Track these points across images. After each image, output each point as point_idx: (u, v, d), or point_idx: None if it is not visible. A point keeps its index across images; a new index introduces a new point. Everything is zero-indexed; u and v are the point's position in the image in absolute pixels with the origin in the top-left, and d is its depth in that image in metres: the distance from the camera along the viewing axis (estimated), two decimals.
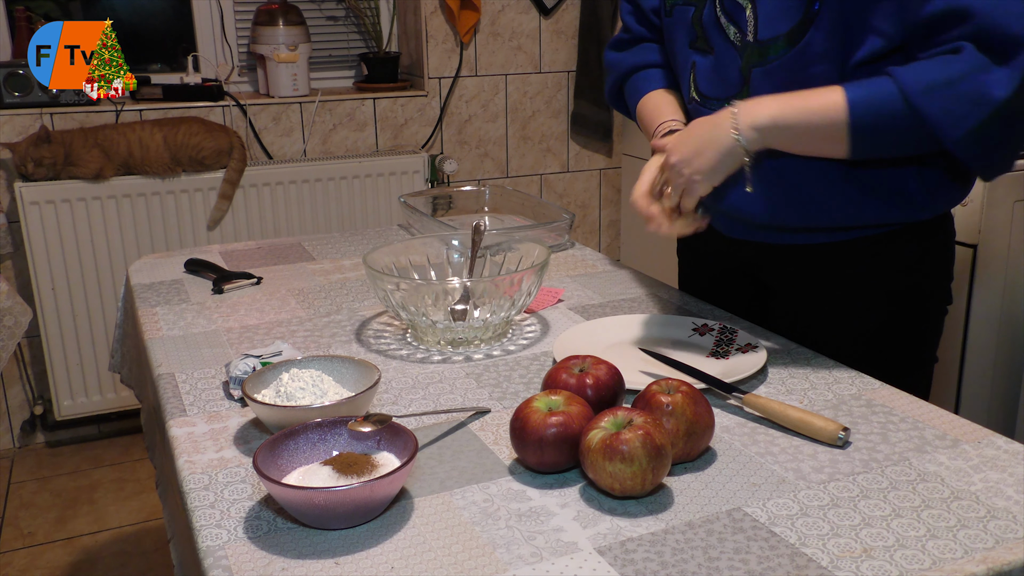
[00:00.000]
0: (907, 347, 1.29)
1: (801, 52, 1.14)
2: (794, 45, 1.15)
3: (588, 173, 3.40)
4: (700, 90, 1.28)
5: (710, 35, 1.24)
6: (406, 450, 0.88)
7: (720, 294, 1.44)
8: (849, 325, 1.27)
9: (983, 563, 0.76)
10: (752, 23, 1.18)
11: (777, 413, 1.01)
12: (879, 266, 1.25)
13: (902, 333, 1.27)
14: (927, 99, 1.05)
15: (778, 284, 1.34)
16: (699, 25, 1.26)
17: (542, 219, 1.80)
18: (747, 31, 1.19)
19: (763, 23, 1.17)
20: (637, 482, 0.85)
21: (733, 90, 1.23)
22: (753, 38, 1.18)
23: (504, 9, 3.12)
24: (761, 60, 1.18)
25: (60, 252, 2.66)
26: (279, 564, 0.78)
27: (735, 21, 1.20)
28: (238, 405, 1.09)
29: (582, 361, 1.02)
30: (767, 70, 1.18)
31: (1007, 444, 0.96)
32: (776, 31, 1.16)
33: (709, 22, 1.24)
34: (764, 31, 1.17)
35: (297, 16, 2.94)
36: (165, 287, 1.54)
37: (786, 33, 1.15)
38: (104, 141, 2.62)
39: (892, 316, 1.26)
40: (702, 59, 1.27)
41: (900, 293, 1.26)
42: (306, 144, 2.98)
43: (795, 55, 1.15)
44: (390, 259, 1.35)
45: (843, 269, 1.26)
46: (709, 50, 1.25)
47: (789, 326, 1.31)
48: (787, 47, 1.15)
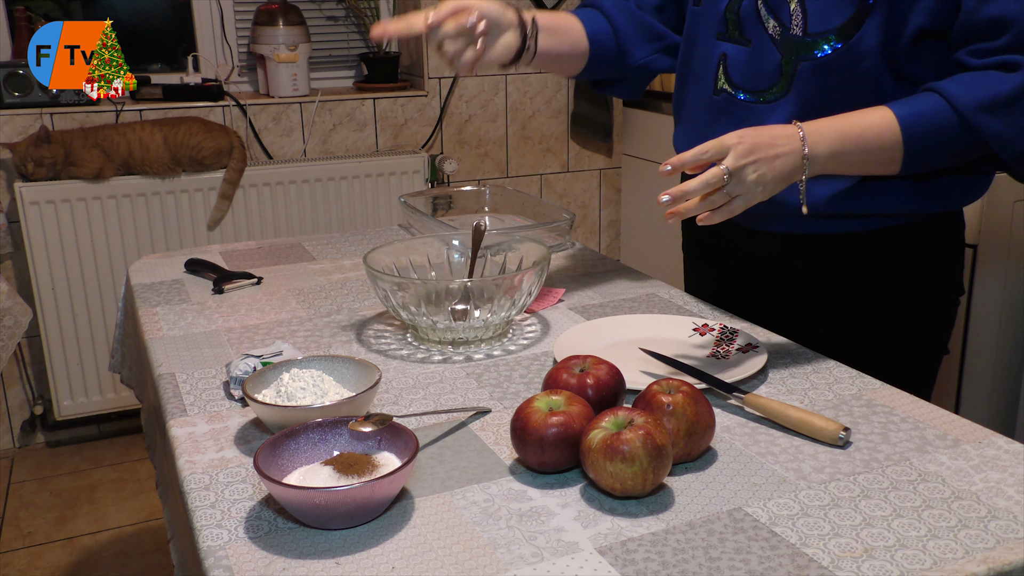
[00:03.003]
0: (925, 336, 1.30)
1: (853, 47, 1.15)
2: (847, 39, 1.15)
3: (588, 173, 3.40)
4: (734, 81, 1.27)
5: (747, 27, 1.23)
6: (407, 450, 0.88)
7: (731, 288, 1.44)
8: (865, 317, 1.28)
9: (984, 563, 0.76)
10: (800, 16, 1.18)
11: (778, 413, 1.01)
12: (901, 256, 1.26)
13: (920, 322, 1.29)
14: (986, 117, 1.08)
15: (794, 275, 1.33)
16: (734, 16, 1.25)
17: (542, 219, 1.80)
18: (791, 25, 1.18)
19: (814, 16, 1.16)
20: (638, 482, 0.85)
21: (768, 83, 1.22)
22: (803, 32, 1.18)
23: None
24: (810, 54, 1.17)
25: (60, 252, 2.66)
26: (280, 564, 0.78)
27: (776, 15, 1.20)
28: (239, 405, 1.09)
29: (583, 361, 1.02)
30: (817, 65, 1.17)
31: (1008, 444, 0.96)
32: (828, 25, 1.16)
33: (748, 14, 1.23)
34: (815, 24, 1.17)
35: (297, 16, 2.94)
36: (165, 287, 1.54)
37: (839, 27, 1.15)
38: (104, 141, 2.62)
39: (911, 306, 1.27)
40: (735, 50, 1.26)
41: (921, 283, 1.27)
42: (306, 144, 2.98)
43: (847, 50, 1.15)
44: (390, 259, 1.35)
45: (865, 259, 1.26)
46: (745, 42, 1.24)
47: (805, 318, 1.32)
48: (839, 41, 1.16)
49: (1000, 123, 1.08)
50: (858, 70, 1.16)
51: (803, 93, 1.20)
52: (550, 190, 3.37)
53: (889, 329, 1.28)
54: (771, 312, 1.38)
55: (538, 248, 1.34)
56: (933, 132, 1.11)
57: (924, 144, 1.12)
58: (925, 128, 1.11)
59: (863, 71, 1.16)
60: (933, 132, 1.11)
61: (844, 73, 1.17)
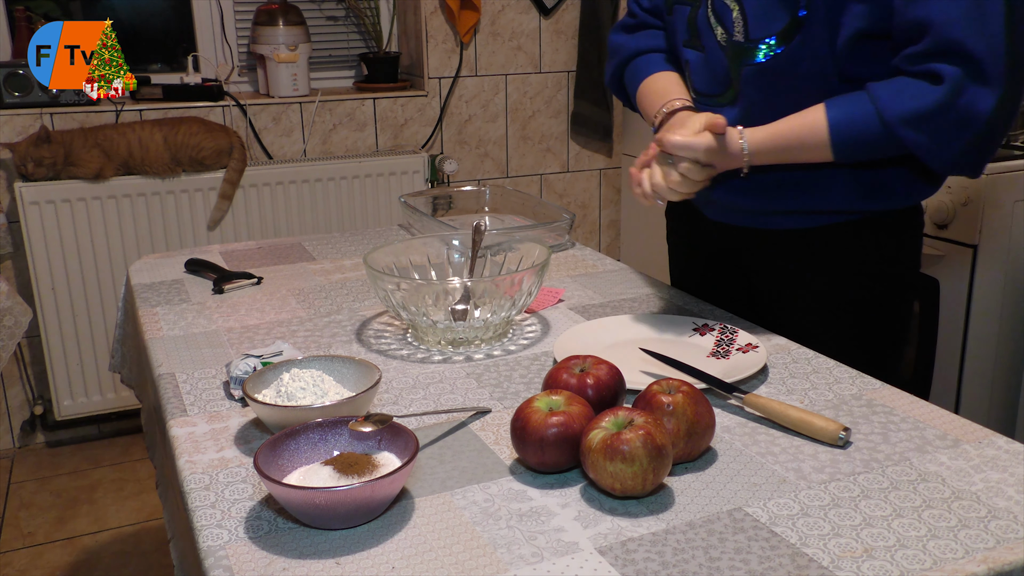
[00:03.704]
0: (881, 330, 1.34)
1: (793, 51, 1.20)
2: (787, 43, 1.20)
3: (588, 173, 3.40)
4: (695, 87, 1.34)
5: (702, 34, 1.29)
6: (407, 450, 0.88)
7: (708, 278, 1.49)
8: (827, 307, 1.33)
9: (984, 563, 0.76)
10: (741, 23, 1.22)
11: (778, 413, 1.01)
12: (856, 251, 1.30)
13: (877, 316, 1.33)
14: (909, 130, 1.14)
15: (760, 268, 1.39)
16: (693, 24, 1.31)
17: (542, 219, 1.80)
18: (733, 31, 1.23)
19: (753, 23, 1.21)
20: (638, 482, 0.85)
21: (720, 88, 1.29)
22: (744, 38, 1.22)
23: (504, 9, 3.12)
24: (752, 59, 1.22)
25: (60, 252, 2.66)
26: (280, 564, 0.78)
27: (722, 22, 1.25)
28: (239, 405, 1.09)
29: (583, 361, 1.02)
30: (760, 69, 1.22)
31: (1008, 444, 0.96)
32: (767, 31, 1.20)
33: (702, 22, 1.29)
34: (755, 30, 1.21)
35: (297, 16, 2.94)
36: (165, 287, 1.54)
37: (778, 33, 1.20)
38: (104, 141, 2.62)
39: (867, 299, 1.32)
40: (695, 57, 1.32)
41: (875, 276, 1.31)
42: (306, 144, 2.98)
43: (787, 54, 1.20)
44: (390, 259, 1.35)
45: (822, 253, 1.31)
46: (702, 48, 1.30)
47: (770, 309, 1.37)
48: (780, 46, 1.20)
49: (923, 136, 1.13)
50: (800, 73, 1.21)
51: (749, 97, 1.25)
52: (550, 190, 3.37)
53: (849, 320, 1.33)
54: (743, 300, 1.44)
55: (538, 248, 1.34)
56: (860, 138, 1.17)
57: (851, 146, 1.18)
58: (853, 134, 1.17)
59: (805, 74, 1.21)
60: (860, 138, 1.17)
61: (786, 76, 1.22)
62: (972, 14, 1.08)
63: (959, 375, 2.24)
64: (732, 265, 1.44)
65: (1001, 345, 2.24)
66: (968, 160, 1.16)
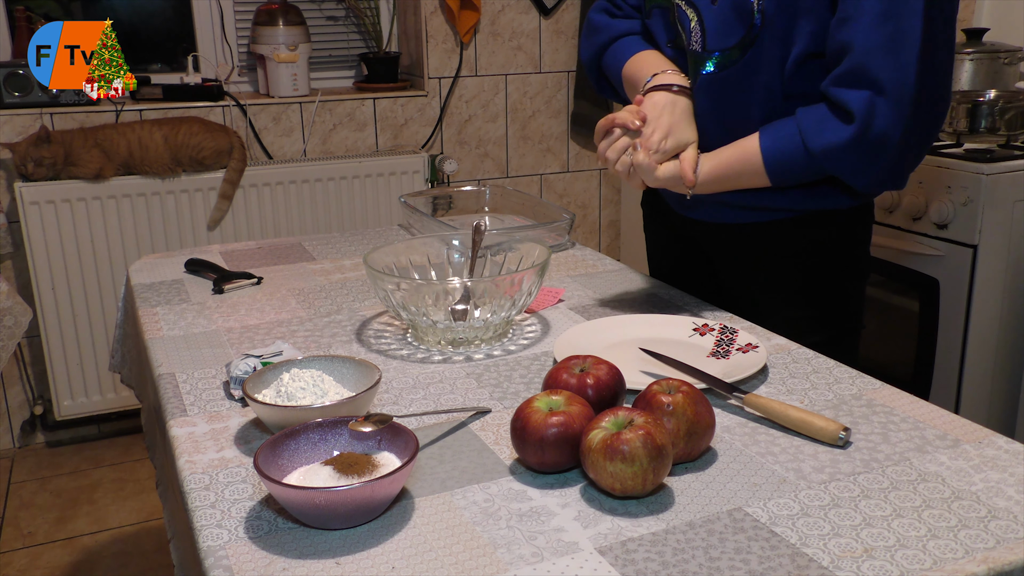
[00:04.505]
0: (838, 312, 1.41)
1: (747, 64, 1.26)
2: (741, 56, 1.26)
3: (588, 173, 3.40)
4: None
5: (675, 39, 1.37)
6: (407, 450, 0.88)
7: (679, 266, 1.57)
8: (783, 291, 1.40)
9: (984, 563, 0.76)
10: (699, 34, 1.29)
11: (778, 413, 1.01)
12: (807, 240, 1.36)
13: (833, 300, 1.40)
14: (830, 161, 1.22)
15: (722, 257, 1.46)
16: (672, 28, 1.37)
17: (542, 219, 1.80)
18: (691, 40, 1.30)
19: (711, 34, 1.28)
20: (638, 482, 0.85)
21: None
22: (701, 47, 1.29)
23: (504, 9, 3.12)
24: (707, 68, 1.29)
25: (60, 252, 2.66)
26: (280, 564, 0.78)
27: (684, 30, 1.32)
28: (239, 405, 1.09)
29: (583, 361, 1.02)
30: (714, 78, 1.28)
31: (1008, 444, 0.96)
32: (723, 43, 1.27)
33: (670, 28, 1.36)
34: (712, 42, 1.28)
35: (297, 16, 2.94)
36: (165, 287, 1.54)
37: (733, 46, 1.26)
38: (104, 141, 2.62)
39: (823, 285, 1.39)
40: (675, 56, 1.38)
41: (821, 265, 1.38)
42: (306, 144, 2.98)
43: (742, 67, 1.26)
44: (390, 259, 1.35)
45: (776, 243, 1.38)
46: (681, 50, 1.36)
47: (732, 294, 1.47)
48: (734, 58, 1.26)
49: (842, 166, 1.22)
50: (750, 86, 1.27)
51: (701, 104, 1.31)
52: (550, 190, 3.37)
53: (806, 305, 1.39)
54: (710, 287, 1.51)
55: (538, 248, 1.34)
56: (790, 166, 1.25)
57: (785, 174, 1.27)
58: (783, 162, 1.25)
59: (755, 86, 1.27)
60: (790, 166, 1.25)
61: (737, 88, 1.28)
62: (888, 44, 1.15)
63: (959, 375, 2.24)
64: (698, 253, 1.51)
65: (1001, 345, 2.24)
66: (888, 178, 1.25)
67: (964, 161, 2.16)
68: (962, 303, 2.19)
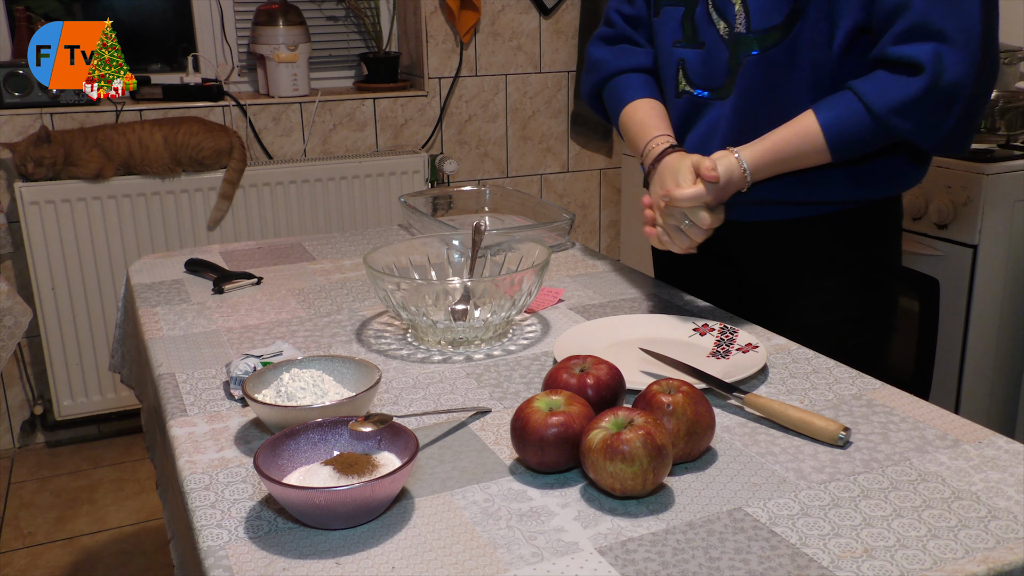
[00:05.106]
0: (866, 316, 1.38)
1: (792, 43, 1.25)
2: (786, 35, 1.25)
3: (588, 173, 3.40)
4: (694, 82, 1.37)
5: (701, 31, 1.34)
6: (407, 450, 0.88)
7: (694, 271, 1.52)
8: (813, 295, 1.37)
9: (984, 563, 0.76)
10: (743, 15, 1.27)
11: (778, 413, 1.01)
12: (841, 241, 1.35)
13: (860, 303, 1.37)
14: (898, 119, 1.19)
15: (750, 258, 1.43)
16: (690, 23, 1.35)
17: (542, 219, 1.80)
18: (735, 23, 1.28)
19: (755, 14, 1.26)
20: (638, 482, 0.85)
21: (719, 82, 1.33)
22: (746, 29, 1.27)
23: (504, 9, 3.12)
24: (752, 50, 1.27)
25: (60, 252, 2.66)
26: (280, 564, 0.78)
27: (724, 16, 1.30)
28: (239, 405, 1.09)
29: (583, 361, 1.02)
30: (759, 59, 1.27)
31: (1008, 444, 0.96)
32: (768, 22, 1.25)
33: (701, 19, 1.33)
34: (757, 22, 1.26)
35: (297, 16, 2.94)
36: (165, 287, 1.54)
37: (778, 25, 1.25)
38: (104, 141, 2.62)
39: (850, 286, 1.37)
40: (692, 54, 1.36)
41: (857, 264, 1.36)
42: (306, 144, 2.98)
43: (786, 45, 1.25)
44: (390, 259, 1.35)
45: (810, 243, 1.36)
46: (700, 45, 1.35)
47: (758, 299, 1.42)
48: (780, 37, 1.25)
49: (911, 123, 1.19)
50: (796, 64, 1.26)
51: (746, 86, 1.29)
52: (550, 190, 3.37)
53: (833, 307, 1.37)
54: (728, 292, 1.47)
55: (538, 248, 1.34)
56: (854, 135, 1.23)
57: (848, 145, 1.24)
58: (846, 133, 1.22)
59: (800, 65, 1.26)
60: (854, 135, 1.23)
61: (785, 68, 1.27)
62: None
63: (959, 375, 2.24)
64: (720, 257, 1.47)
65: (1001, 345, 2.24)
66: (958, 136, 1.21)
67: (964, 161, 2.16)
68: (962, 303, 2.19)
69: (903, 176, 1.32)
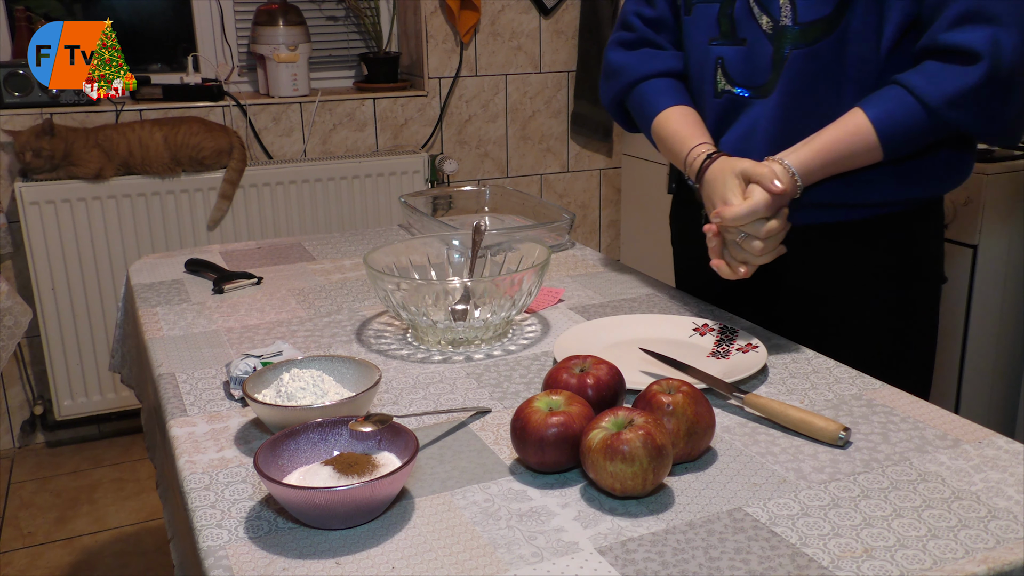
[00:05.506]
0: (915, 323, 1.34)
1: (839, 36, 1.21)
2: (834, 28, 1.21)
3: (588, 173, 3.40)
4: (735, 80, 1.31)
5: (741, 27, 1.29)
6: (407, 450, 0.88)
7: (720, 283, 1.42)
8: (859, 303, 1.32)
9: (984, 563, 0.76)
10: (789, 8, 1.23)
11: (778, 413, 1.01)
12: (886, 244, 1.30)
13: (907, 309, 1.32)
14: (955, 112, 1.15)
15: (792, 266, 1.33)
16: (728, 20, 1.30)
17: (542, 219, 1.80)
18: (780, 17, 1.24)
19: (802, 7, 1.22)
20: (638, 482, 0.85)
21: (761, 79, 1.28)
22: (792, 22, 1.23)
23: (504, 9, 3.12)
24: (799, 43, 1.23)
25: (60, 252, 2.66)
26: (280, 564, 0.78)
27: (767, 10, 1.25)
28: (239, 405, 1.09)
29: (583, 361, 1.02)
30: (806, 53, 1.23)
31: (1008, 444, 0.96)
32: (816, 14, 1.21)
33: (741, 14, 1.28)
34: (804, 14, 1.22)
35: (297, 16, 2.94)
36: (165, 287, 1.54)
37: (826, 17, 1.21)
38: (104, 141, 2.62)
39: (897, 292, 1.31)
40: (732, 51, 1.30)
41: (904, 269, 1.31)
42: (306, 144, 2.98)
43: (834, 39, 1.21)
44: (390, 259, 1.35)
45: (855, 249, 1.31)
46: (740, 42, 1.29)
47: (798, 310, 1.35)
48: (827, 30, 1.21)
49: (969, 114, 1.15)
50: (843, 59, 1.22)
51: (791, 82, 1.25)
52: (550, 190, 3.37)
53: (880, 316, 1.32)
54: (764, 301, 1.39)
55: (538, 248, 1.34)
56: (907, 131, 1.18)
57: (901, 142, 1.19)
58: (899, 128, 1.18)
59: (848, 60, 1.22)
60: (907, 131, 1.18)
61: (830, 62, 1.22)
62: None
63: (959, 375, 2.24)
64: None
65: (1001, 345, 2.24)
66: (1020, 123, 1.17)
67: None
68: (962, 303, 2.19)
69: (950, 172, 1.27)
